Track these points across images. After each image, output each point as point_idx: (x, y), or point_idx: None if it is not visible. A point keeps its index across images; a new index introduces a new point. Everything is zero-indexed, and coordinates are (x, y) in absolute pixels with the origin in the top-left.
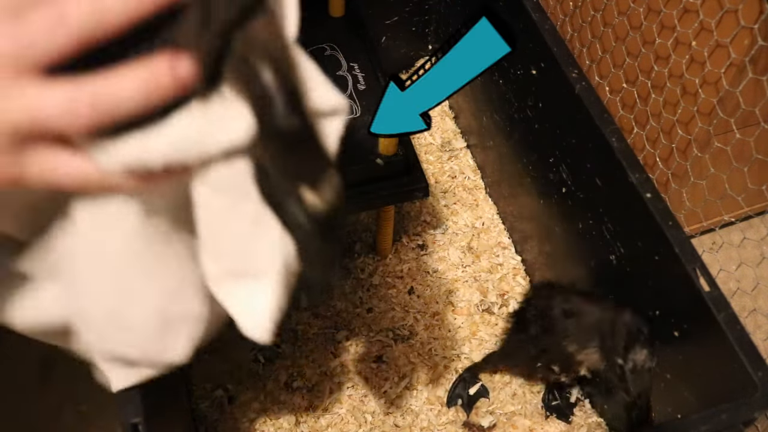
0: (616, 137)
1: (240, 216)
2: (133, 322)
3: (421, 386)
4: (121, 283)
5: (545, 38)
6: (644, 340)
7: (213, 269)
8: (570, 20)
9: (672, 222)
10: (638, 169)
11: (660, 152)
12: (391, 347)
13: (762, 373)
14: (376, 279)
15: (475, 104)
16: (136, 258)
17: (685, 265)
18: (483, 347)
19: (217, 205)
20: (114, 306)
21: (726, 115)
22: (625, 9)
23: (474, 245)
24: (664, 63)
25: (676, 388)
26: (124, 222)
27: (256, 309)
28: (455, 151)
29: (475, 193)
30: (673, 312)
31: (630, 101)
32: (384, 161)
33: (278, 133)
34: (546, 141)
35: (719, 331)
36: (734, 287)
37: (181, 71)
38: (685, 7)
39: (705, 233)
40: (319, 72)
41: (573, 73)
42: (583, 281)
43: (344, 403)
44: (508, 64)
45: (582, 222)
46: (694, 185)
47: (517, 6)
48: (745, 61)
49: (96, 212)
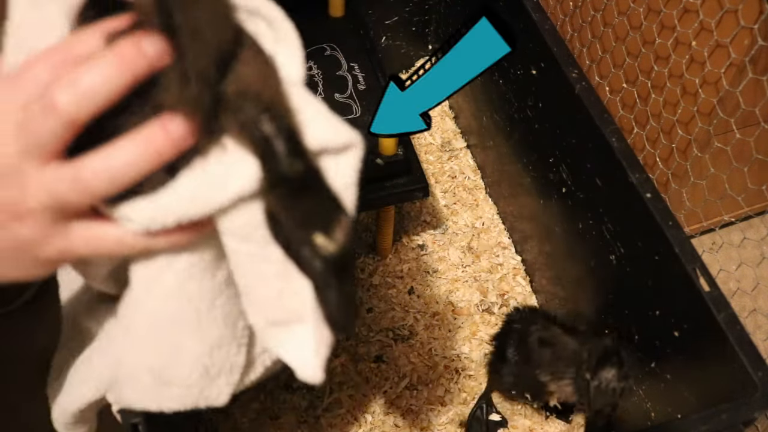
0: (616, 137)
1: (268, 260)
2: (177, 377)
3: (421, 386)
4: (167, 341)
5: (545, 38)
6: (616, 362)
7: (258, 321)
8: (570, 20)
9: (672, 222)
10: (638, 169)
11: (660, 152)
12: (391, 347)
13: (762, 373)
14: (376, 279)
15: (475, 104)
16: (181, 316)
17: (685, 265)
18: (483, 347)
19: (245, 254)
20: (159, 363)
21: (726, 115)
22: (625, 9)
23: (474, 245)
24: (664, 63)
25: (676, 388)
26: (168, 281)
27: (304, 351)
28: (455, 151)
29: (475, 193)
30: (673, 312)
31: (630, 101)
32: (384, 161)
33: (284, 179)
34: (546, 141)
35: (719, 331)
36: (734, 287)
37: (174, 130)
38: (685, 7)
39: (705, 233)
40: (325, 109)
41: (573, 73)
42: (584, 282)
43: (344, 403)
44: (508, 64)
45: (582, 222)
46: (694, 185)
47: (517, 6)
48: (745, 61)
49: (144, 273)
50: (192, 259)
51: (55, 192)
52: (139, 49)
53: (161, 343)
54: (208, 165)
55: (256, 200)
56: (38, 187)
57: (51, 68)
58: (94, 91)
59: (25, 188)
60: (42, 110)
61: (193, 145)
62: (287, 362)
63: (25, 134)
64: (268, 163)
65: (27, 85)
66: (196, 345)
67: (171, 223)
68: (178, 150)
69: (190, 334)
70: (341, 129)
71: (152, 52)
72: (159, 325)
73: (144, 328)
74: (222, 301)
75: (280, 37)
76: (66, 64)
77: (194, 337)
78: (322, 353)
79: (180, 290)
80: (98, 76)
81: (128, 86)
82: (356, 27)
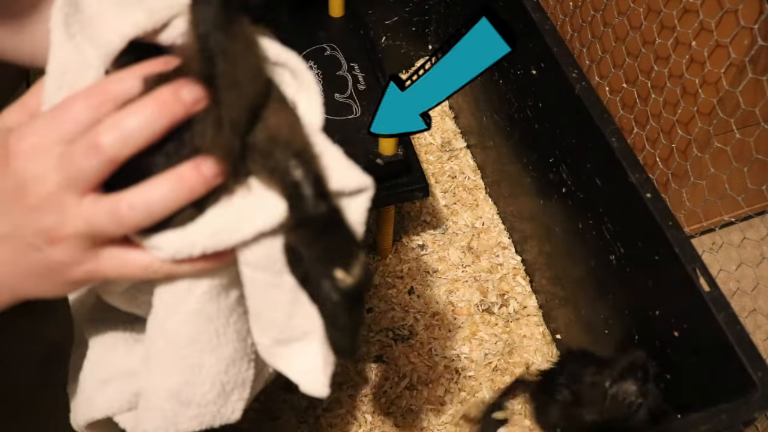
0: (616, 137)
1: (282, 288)
2: (196, 397)
3: (421, 386)
4: (187, 361)
5: (545, 38)
6: (641, 377)
7: (264, 341)
8: (570, 20)
9: (672, 222)
10: (638, 169)
11: (660, 152)
12: (391, 347)
13: (762, 373)
14: (376, 279)
15: (475, 104)
16: (202, 336)
17: (685, 265)
18: (483, 347)
19: (260, 281)
20: (179, 384)
21: (726, 115)
22: (625, 9)
23: (474, 245)
24: (664, 63)
25: (676, 388)
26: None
27: (310, 368)
28: (455, 151)
29: (475, 193)
30: (673, 312)
31: (630, 101)
32: (384, 161)
33: (309, 219)
34: (546, 141)
35: (719, 331)
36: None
37: (206, 171)
38: (685, 7)
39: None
40: (342, 154)
41: (573, 73)
42: (584, 282)
43: (344, 403)
44: (508, 64)
45: (582, 222)
46: (694, 185)
47: (517, 6)
48: (745, 61)
49: (167, 299)
50: (212, 283)
51: (92, 222)
52: (178, 96)
53: (181, 363)
54: (233, 202)
55: (275, 235)
56: (76, 217)
57: (90, 108)
58: (135, 133)
59: (63, 216)
60: (86, 149)
61: (221, 184)
62: (292, 378)
63: (68, 168)
64: (295, 204)
65: (68, 121)
66: (214, 363)
67: (197, 254)
68: (208, 188)
69: (209, 352)
70: (356, 173)
71: (190, 100)
72: (180, 346)
73: (165, 351)
74: (235, 318)
75: (302, 86)
76: (104, 104)
77: (212, 355)
78: (328, 369)
79: (201, 312)
80: (140, 120)
81: (166, 130)
82: (356, 27)
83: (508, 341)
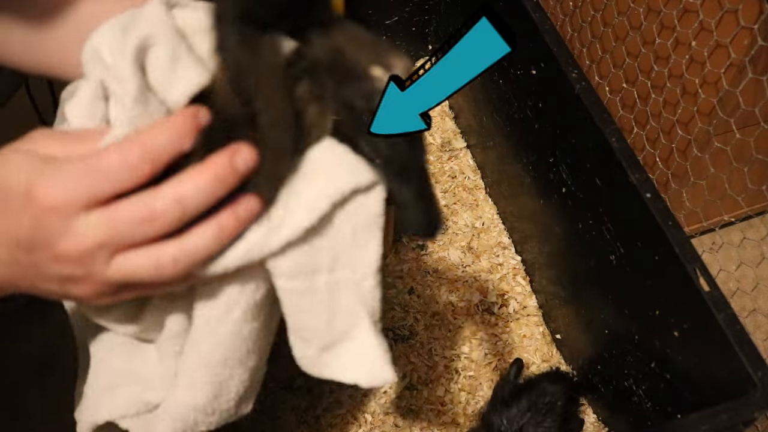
0: (616, 137)
1: (315, 290)
2: (220, 406)
3: (421, 386)
4: (218, 378)
5: (545, 38)
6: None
7: (309, 352)
8: (570, 20)
9: (672, 222)
10: (638, 169)
11: (660, 152)
12: (391, 347)
13: (762, 373)
14: None
15: (475, 104)
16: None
17: (685, 265)
18: (483, 347)
19: (296, 291)
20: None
21: (726, 115)
22: (625, 9)
23: (474, 245)
24: (664, 63)
25: (676, 388)
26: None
27: (365, 361)
28: (455, 151)
29: (475, 193)
30: (673, 312)
31: (630, 101)
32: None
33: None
34: (546, 141)
35: (719, 331)
36: (734, 287)
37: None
38: (685, 7)
39: (705, 233)
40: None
41: (573, 73)
42: (584, 282)
43: (344, 403)
44: (508, 64)
45: (582, 222)
46: (694, 185)
47: (517, 6)
48: (745, 61)
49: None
50: (249, 304)
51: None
52: (233, 165)
53: (212, 380)
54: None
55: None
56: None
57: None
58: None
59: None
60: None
61: None
62: (348, 380)
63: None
64: None
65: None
66: (241, 374)
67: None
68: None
69: (238, 368)
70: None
71: (244, 168)
72: (212, 365)
73: (196, 368)
74: (265, 333)
75: None
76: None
77: (240, 368)
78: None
79: (237, 334)
80: (197, 191)
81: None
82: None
83: (508, 341)
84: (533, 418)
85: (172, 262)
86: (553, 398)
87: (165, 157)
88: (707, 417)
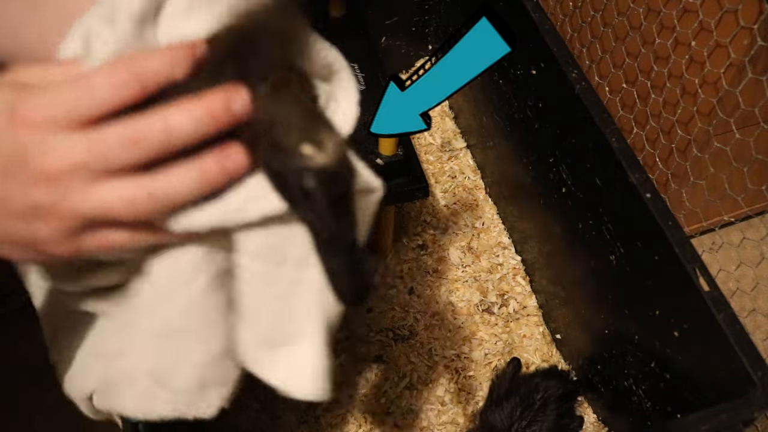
0: (616, 137)
1: (276, 281)
2: (174, 382)
3: (421, 386)
4: (172, 346)
5: (545, 38)
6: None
7: (250, 339)
8: (570, 20)
9: (672, 222)
10: (638, 169)
11: (660, 152)
12: (391, 347)
13: (762, 373)
14: (375, 279)
15: (475, 104)
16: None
17: (684, 265)
18: (483, 347)
19: (255, 272)
20: (160, 367)
21: (726, 115)
22: (625, 9)
23: (474, 245)
24: (664, 63)
25: (676, 388)
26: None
27: (305, 373)
28: (455, 151)
29: (475, 193)
30: (673, 312)
31: (630, 101)
32: (384, 161)
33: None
34: (546, 141)
35: (719, 331)
36: (734, 287)
37: (230, 167)
38: (685, 7)
39: (705, 233)
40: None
41: (573, 73)
42: (584, 282)
43: (344, 403)
44: (508, 64)
45: (582, 222)
46: (694, 185)
47: (517, 6)
48: (745, 61)
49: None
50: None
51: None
52: (229, 107)
53: (167, 348)
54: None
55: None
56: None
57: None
58: (179, 135)
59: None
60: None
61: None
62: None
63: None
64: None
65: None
66: (199, 354)
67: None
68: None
69: (196, 343)
70: (367, 174)
71: (240, 112)
72: (170, 332)
73: (154, 333)
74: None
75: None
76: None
77: (199, 346)
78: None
79: (200, 304)
80: (187, 124)
81: (209, 136)
82: (356, 27)
83: (508, 341)
84: (527, 414)
85: (147, 197)
86: (545, 394)
87: (155, 80)
88: (707, 417)
